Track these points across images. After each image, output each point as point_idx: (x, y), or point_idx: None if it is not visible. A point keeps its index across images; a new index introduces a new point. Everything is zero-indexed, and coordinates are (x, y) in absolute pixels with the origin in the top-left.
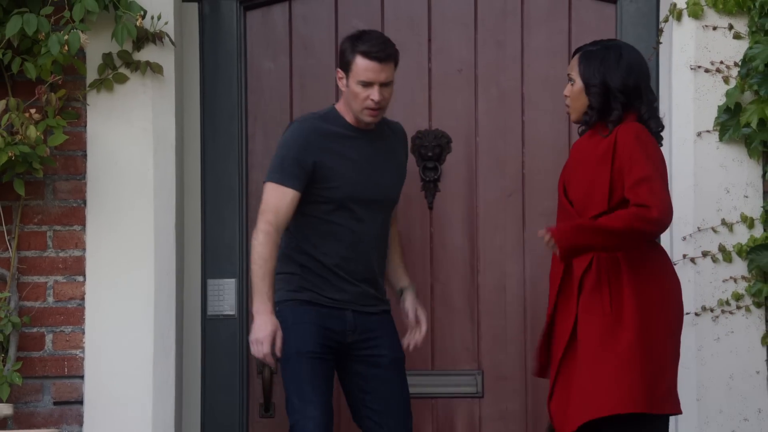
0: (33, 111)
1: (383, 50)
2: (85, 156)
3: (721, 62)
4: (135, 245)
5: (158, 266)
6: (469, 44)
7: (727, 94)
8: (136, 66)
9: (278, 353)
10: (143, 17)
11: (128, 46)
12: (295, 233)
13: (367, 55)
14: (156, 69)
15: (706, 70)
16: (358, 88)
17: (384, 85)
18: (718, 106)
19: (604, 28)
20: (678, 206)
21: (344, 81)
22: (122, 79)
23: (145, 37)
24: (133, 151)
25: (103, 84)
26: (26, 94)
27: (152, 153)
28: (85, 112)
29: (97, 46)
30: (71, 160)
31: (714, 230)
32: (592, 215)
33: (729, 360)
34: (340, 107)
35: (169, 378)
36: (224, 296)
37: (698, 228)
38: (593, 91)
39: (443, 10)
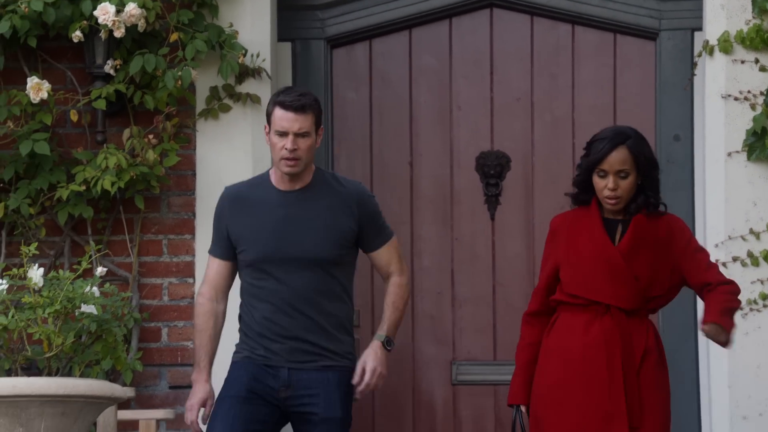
0: (151, 137)
1: (298, 101)
2: (194, 175)
3: (749, 91)
4: None
5: None
6: (527, 76)
7: (754, 119)
8: (238, 97)
9: (203, 420)
10: (244, 55)
11: (231, 80)
12: (240, 298)
13: (282, 104)
14: (255, 100)
15: (735, 99)
16: (275, 138)
17: (299, 135)
18: (746, 130)
19: (645, 63)
20: (711, 217)
21: (268, 135)
22: (226, 109)
23: (246, 72)
24: (235, 171)
25: (210, 113)
26: (145, 122)
27: (251, 172)
28: (195, 138)
29: (205, 80)
30: (183, 179)
31: (743, 238)
32: (655, 295)
33: (757, 352)
34: (272, 170)
35: None
36: None
37: (729, 236)
38: (654, 175)
39: (504, 46)
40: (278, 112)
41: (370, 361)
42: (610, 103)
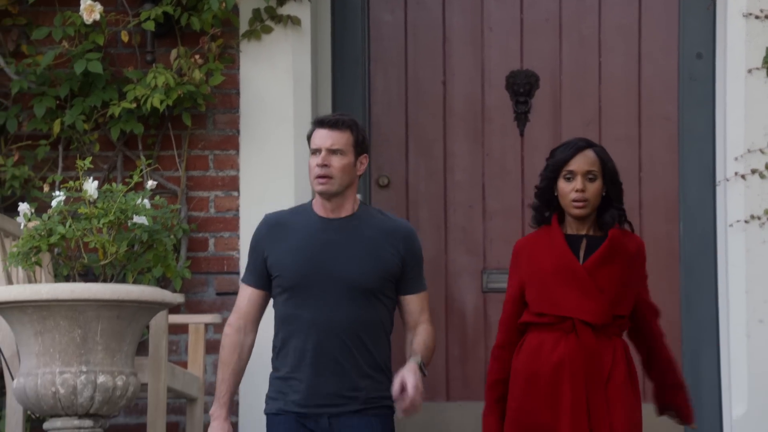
0: (197, 57)
1: (333, 117)
2: (238, 93)
3: None
4: (278, 166)
5: (297, 184)
6: None
7: None
8: (279, 19)
9: None
10: None
11: (273, 2)
12: (274, 330)
13: (317, 122)
14: (295, 21)
15: (756, 17)
16: (311, 159)
17: (332, 152)
18: (766, 47)
19: None
20: (731, 132)
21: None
22: (268, 30)
23: None
24: (277, 89)
25: (252, 34)
26: (192, 43)
27: (292, 90)
28: (239, 58)
29: (248, 2)
30: (227, 97)
31: (762, 151)
32: (621, 314)
33: None
34: (315, 199)
35: None
36: None
37: (748, 150)
38: (619, 188)
39: None
40: (314, 132)
41: (410, 376)
42: (635, 22)
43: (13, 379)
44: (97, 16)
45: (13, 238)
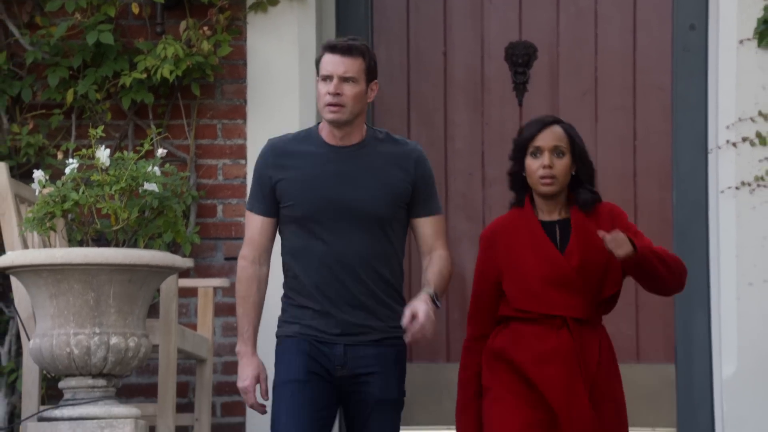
0: (206, 28)
1: (345, 43)
2: (245, 64)
3: None
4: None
5: None
6: None
7: (765, 8)
8: None
9: (264, 397)
10: None
11: None
12: (282, 259)
13: (328, 47)
14: None
15: None
16: (321, 85)
17: (345, 79)
18: (757, 19)
19: None
20: (723, 101)
21: (317, 86)
22: (274, 3)
23: None
24: (283, 60)
25: (259, 6)
26: (200, 15)
27: (297, 61)
28: (245, 29)
29: None
30: (235, 68)
31: (752, 120)
32: (609, 295)
33: (762, 224)
34: (322, 124)
35: None
36: None
37: (739, 119)
38: (589, 167)
39: None
40: (325, 57)
41: (421, 305)
42: None
43: (29, 339)
44: None
45: (29, 204)
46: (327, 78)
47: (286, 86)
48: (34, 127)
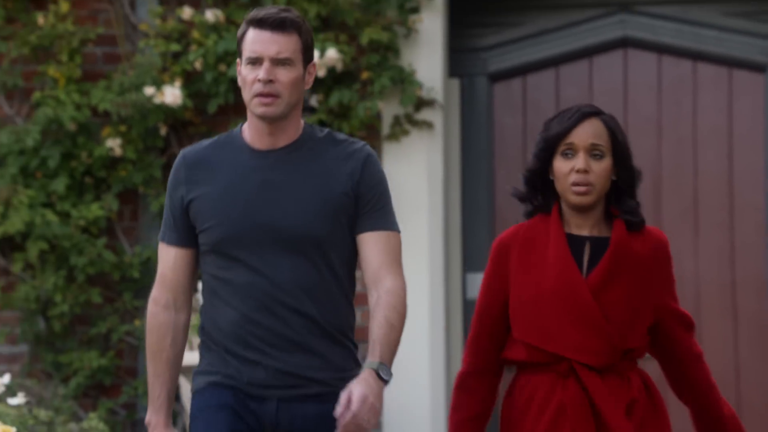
0: None
1: (277, 15)
2: None
3: None
4: (414, 247)
5: (431, 262)
6: (656, 103)
7: None
8: (415, 123)
9: None
10: (421, 89)
11: (410, 110)
12: (201, 296)
13: (255, 22)
14: (429, 125)
15: None
16: (246, 70)
17: (278, 62)
18: None
19: (755, 91)
20: None
21: (239, 71)
22: (406, 133)
23: (422, 103)
24: (413, 182)
25: (393, 136)
26: None
27: (426, 183)
28: (381, 157)
29: (389, 110)
30: None
31: None
32: (632, 347)
33: None
34: (245, 124)
35: (440, 341)
36: (479, 286)
37: None
38: (632, 172)
39: (636, 79)
40: (250, 34)
41: (358, 387)
42: (725, 125)
43: None
44: None
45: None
46: (255, 61)
47: (417, 205)
48: None
